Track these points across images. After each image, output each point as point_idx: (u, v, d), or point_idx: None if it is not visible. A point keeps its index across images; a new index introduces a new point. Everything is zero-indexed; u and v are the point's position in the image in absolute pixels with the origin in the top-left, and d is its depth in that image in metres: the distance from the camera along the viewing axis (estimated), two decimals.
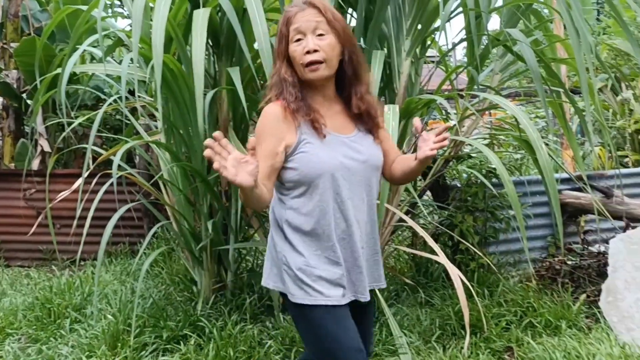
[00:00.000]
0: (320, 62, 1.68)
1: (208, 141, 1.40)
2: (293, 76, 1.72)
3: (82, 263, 4.89)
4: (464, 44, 3.68)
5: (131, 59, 2.84)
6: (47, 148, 5.51)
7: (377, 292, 2.96)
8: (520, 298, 3.37)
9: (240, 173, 1.44)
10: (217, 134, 1.41)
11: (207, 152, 1.40)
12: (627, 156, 6.35)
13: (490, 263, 3.56)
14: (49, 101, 5.19)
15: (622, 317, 3.09)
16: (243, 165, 1.45)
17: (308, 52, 1.67)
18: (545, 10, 4.38)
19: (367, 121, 1.79)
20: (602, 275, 3.58)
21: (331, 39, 1.69)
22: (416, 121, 1.75)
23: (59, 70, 3.31)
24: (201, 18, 2.55)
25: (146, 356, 2.84)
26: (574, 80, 7.59)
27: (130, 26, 5.41)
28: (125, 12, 8.32)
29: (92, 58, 4.94)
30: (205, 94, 3.23)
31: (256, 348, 2.82)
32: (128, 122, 5.35)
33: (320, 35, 1.68)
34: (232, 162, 1.43)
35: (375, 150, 1.80)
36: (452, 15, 3.28)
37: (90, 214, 2.99)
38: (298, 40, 1.69)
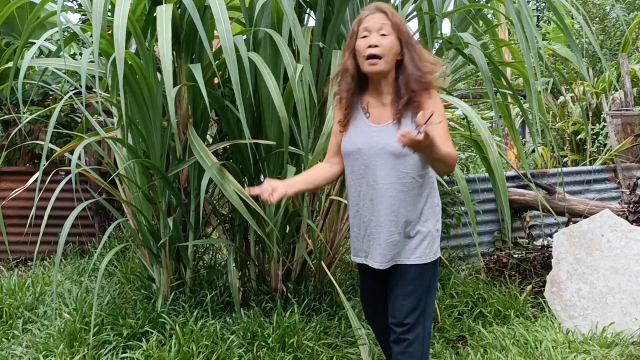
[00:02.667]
0: (379, 57, 2.01)
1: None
2: (354, 69, 2.08)
3: (30, 263, 4.74)
4: None
5: (91, 54, 2.81)
6: None
7: (337, 285, 3.05)
8: (470, 290, 3.53)
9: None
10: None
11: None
12: (566, 156, 6.70)
13: (442, 257, 3.70)
14: None
15: (564, 306, 3.29)
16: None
17: (370, 46, 2.01)
18: (490, 15, 4.57)
19: (409, 109, 2.04)
20: (546, 267, 3.79)
21: (392, 39, 2.02)
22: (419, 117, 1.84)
23: (9, 64, 3.21)
24: (165, 14, 2.55)
25: (106, 354, 2.81)
26: (515, 83, 7.93)
27: (82, 21, 5.29)
28: (75, 6, 8.06)
29: (41, 52, 4.78)
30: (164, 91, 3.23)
31: (218, 343, 2.84)
32: (79, 118, 5.22)
33: (384, 35, 2.02)
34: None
35: (390, 139, 2.02)
36: (408, 19, 3.39)
37: (47, 212, 2.92)
38: (364, 36, 2.04)
